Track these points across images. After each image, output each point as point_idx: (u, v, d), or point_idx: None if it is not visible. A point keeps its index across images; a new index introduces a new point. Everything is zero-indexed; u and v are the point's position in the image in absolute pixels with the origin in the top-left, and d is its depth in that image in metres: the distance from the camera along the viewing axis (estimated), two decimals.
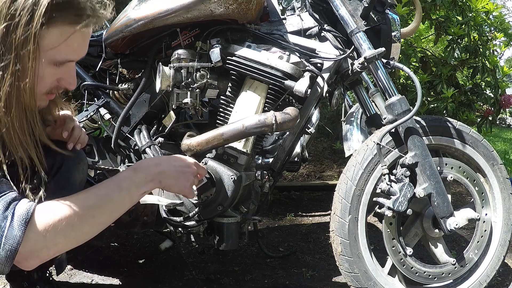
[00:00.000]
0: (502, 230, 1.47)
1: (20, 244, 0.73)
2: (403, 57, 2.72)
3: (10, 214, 0.74)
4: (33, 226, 0.75)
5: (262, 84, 1.32)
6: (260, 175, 1.37)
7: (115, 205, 0.87)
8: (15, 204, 0.76)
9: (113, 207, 0.86)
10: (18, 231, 0.73)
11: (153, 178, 0.93)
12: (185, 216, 1.28)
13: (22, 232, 0.74)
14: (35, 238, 0.75)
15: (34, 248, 0.76)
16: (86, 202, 0.83)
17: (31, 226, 0.75)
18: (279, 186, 2.90)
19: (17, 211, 0.75)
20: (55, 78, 0.86)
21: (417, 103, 1.29)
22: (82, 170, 1.20)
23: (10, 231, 0.73)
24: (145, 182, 0.92)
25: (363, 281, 1.35)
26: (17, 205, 0.76)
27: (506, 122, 10.51)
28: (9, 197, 0.76)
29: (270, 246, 2.01)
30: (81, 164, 1.19)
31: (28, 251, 0.75)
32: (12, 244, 0.73)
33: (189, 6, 1.27)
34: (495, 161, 1.47)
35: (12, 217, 0.74)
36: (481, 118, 2.94)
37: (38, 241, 0.76)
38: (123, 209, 0.89)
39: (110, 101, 1.52)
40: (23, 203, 0.77)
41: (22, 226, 0.74)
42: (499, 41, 3.06)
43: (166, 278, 1.66)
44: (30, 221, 0.75)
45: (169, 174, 0.97)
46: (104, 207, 0.85)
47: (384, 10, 1.43)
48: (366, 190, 1.35)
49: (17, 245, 0.73)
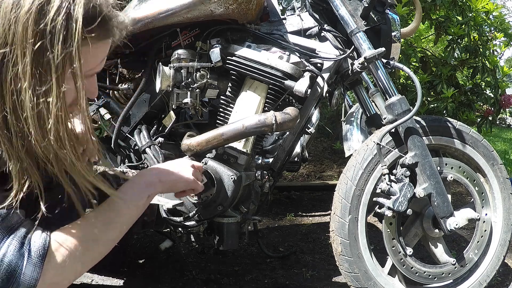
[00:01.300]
0: (502, 230, 1.47)
1: (38, 280, 0.72)
2: (403, 57, 2.72)
3: (26, 250, 0.72)
4: (51, 260, 0.74)
5: (262, 84, 1.32)
6: (260, 175, 1.37)
7: (124, 219, 0.86)
8: (29, 239, 0.73)
9: (123, 220, 0.86)
10: (36, 267, 0.72)
11: (152, 180, 0.93)
12: (185, 216, 1.28)
13: (40, 268, 0.72)
14: (54, 272, 0.74)
15: (54, 281, 0.74)
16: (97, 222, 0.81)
17: (49, 260, 0.73)
18: (279, 186, 2.90)
19: (33, 247, 0.72)
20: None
21: (417, 103, 1.29)
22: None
23: (28, 268, 0.71)
24: (146, 186, 0.91)
25: (363, 281, 1.35)
26: (32, 239, 0.73)
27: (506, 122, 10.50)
28: (22, 232, 0.73)
29: (270, 246, 2.01)
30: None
31: (48, 285, 0.73)
32: (30, 281, 0.71)
33: (189, 6, 1.27)
34: (495, 161, 1.47)
35: (29, 254, 0.72)
36: (481, 118, 2.94)
37: (57, 274, 0.74)
38: (132, 220, 0.88)
39: (110, 101, 1.52)
40: (37, 237, 0.74)
41: (39, 263, 0.72)
42: (499, 41, 3.06)
43: (166, 278, 1.66)
44: (47, 255, 0.73)
45: (167, 171, 0.97)
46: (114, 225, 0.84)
47: (384, 10, 1.43)
48: (366, 190, 1.35)
49: (36, 281, 0.71)
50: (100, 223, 0.82)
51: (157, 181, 0.94)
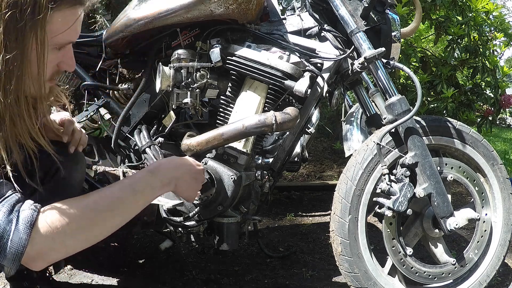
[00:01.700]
0: (502, 230, 1.47)
1: (26, 247, 0.73)
2: (403, 57, 2.72)
3: (15, 217, 0.74)
4: (39, 229, 0.75)
5: (262, 84, 1.32)
6: (260, 175, 1.37)
7: (128, 208, 0.86)
8: (19, 206, 0.75)
9: (126, 209, 0.86)
10: (23, 234, 0.73)
11: (169, 181, 0.93)
12: (185, 216, 1.28)
13: (28, 235, 0.73)
14: (42, 241, 0.75)
15: (41, 250, 0.75)
16: (98, 205, 0.82)
17: (37, 229, 0.75)
18: (279, 186, 2.90)
19: (21, 214, 0.74)
20: (56, 63, 0.85)
21: (417, 103, 1.29)
22: (81, 169, 1.20)
23: (16, 234, 0.73)
24: (162, 185, 0.92)
25: (363, 281, 1.35)
26: (21, 207, 0.75)
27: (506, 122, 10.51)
28: (12, 199, 0.76)
29: (270, 246, 2.01)
30: (79, 164, 1.19)
31: (35, 253, 0.75)
32: (18, 247, 0.73)
33: (189, 6, 1.27)
34: (495, 161, 1.47)
35: (17, 220, 0.74)
36: (481, 118, 2.94)
37: (45, 243, 0.75)
38: (135, 211, 0.88)
39: (110, 101, 1.52)
40: (27, 206, 0.76)
41: (27, 229, 0.73)
42: (499, 41, 3.05)
43: (166, 278, 1.66)
44: (36, 223, 0.75)
45: (185, 179, 0.98)
46: (116, 210, 0.84)
47: (384, 10, 1.43)
48: (366, 190, 1.35)
49: (23, 248, 0.73)
50: (103, 204, 0.82)
51: (172, 185, 0.94)
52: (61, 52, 0.84)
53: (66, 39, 0.82)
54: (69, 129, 1.13)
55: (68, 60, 0.87)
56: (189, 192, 1.01)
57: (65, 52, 0.85)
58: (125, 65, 1.53)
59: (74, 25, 0.81)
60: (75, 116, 1.47)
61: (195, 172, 1.02)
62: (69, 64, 0.87)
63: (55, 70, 0.87)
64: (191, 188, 1.01)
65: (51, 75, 0.86)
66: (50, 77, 0.86)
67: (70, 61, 0.87)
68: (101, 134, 1.77)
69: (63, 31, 0.79)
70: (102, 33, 1.50)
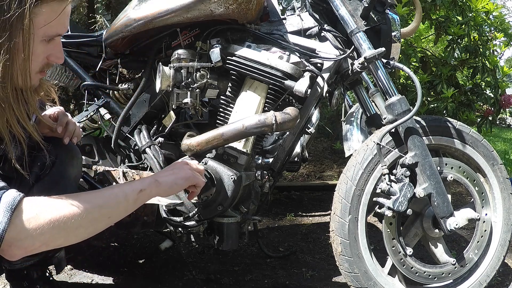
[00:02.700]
0: (502, 230, 1.47)
1: (5, 231, 0.73)
2: (403, 57, 2.72)
3: None
4: (19, 214, 0.75)
5: (262, 84, 1.32)
6: (260, 175, 1.37)
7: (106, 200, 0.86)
8: (2, 192, 0.76)
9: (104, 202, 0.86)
10: (3, 217, 0.73)
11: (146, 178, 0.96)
12: (185, 216, 1.28)
13: (8, 219, 0.73)
14: (20, 226, 0.74)
15: (19, 236, 0.74)
16: (77, 196, 0.83)
17: (17, 213, 0.74)
18: (279, 186, 2.90)
19: (3, 198, 0.75)
20: (45, 55, 0.88)
21: (417, 103, 1.29)
22: (77, 165, 1.20)
23: None
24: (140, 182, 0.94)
25: (363, 281, 1.35)
26: (5, 193, 0.76)
27: (506, 122, 10.51)
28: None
29: (270, 246, 2.01)
30: (75, 159, 1.19)
31: (12, 238, 0.74)
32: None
33: (189, 6, 1.27)
34: (495, 161, 1.47)
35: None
36: (481, 118, 2.94)
37: (23, 229, 0.75)
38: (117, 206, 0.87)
39: (110, 101, 1.52)
40: (11, 192, 0.77)
41: (7, 212, 0.73)
42: (499, 41, 3.05)
43: (166, 278, 1.66)
44: (17, 208, 0.75)
45: (164, 173, 1.00)
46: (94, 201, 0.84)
47: (384, 10, 1.43)
48: (366, 190, 1.35)
49: (3, 231, 0.72)
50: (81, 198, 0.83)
51: (152, 180, 0.95)
52: (50, 45, 0.87)
53: (54, 32, 0.85)
54: (63, 120, 1.14)
55: (57, 52, 0.90)
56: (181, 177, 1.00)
57: (54, 45, 0.88)
58: (125, 65, 1.53)
59: (62, 18, 0.84)
60: (75, 116, 1.47)
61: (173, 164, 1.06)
62: (58, 57, 0.90)
63: (44, 63, 0.89)
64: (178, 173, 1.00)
65: (41, 67, 0.89)
66: (40, 69, 0.89)
67: (59, 54, 0.90)
68: (101, 134, 1.77)
69: (49, 22, 0.82)
70: (102, 33, 1.50)
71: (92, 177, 1.37)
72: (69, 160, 1.16)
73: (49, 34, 0.84)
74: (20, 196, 0.77)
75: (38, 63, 0.87)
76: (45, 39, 0.85)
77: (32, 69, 0.86)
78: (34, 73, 0.87)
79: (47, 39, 0.85)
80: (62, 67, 1.55)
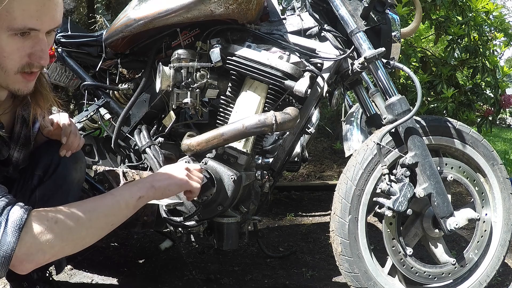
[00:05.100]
0: (502, 230, 1.47)
1: (14, 250, 0.73)
2: (403, 57, 2.72)
3: (3, 220, 0.74)
4: (29, 231, 0.75)
5: (262, 84, 1.32)
6: (260, 175, 1.37)
7: (109, 208, 0.88)
8: (8, 209, 0.76)
9: (108, 210, 0.87)
10: (12, 237, 0.74)
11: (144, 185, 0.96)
12: (185, 216, 1.28)
13: (16, 238, 0.74)
14: (30, 242, 0.75)
15: (29, 251, 0.76)
16: (82, 206, 0.84)
17: (26, 230, 0.75)
18: (279, 186, 2.90)
19: (11, 217, 0.75)
20: (24, 53, 0.81)
21: (417, 103, 1.29)
22: (80, 169, 1.20)
23: (4, 238, 0.73)
24: (138, 188, 0.94)
25: (363, 281, 1.35)
26: (11, 210, 0.76)
27: (506, 122, 10.51)
28: (2, 202, 0.76)
29: (270, 246, 2.01)
30: (78, 163, 1.20)
31: (23, 255, 0.75)
32: (6, 250, 0.73)
33: (189, 6, 1.27)
34: (495, 161, 1.47)
35: (6, 223, 0.74)
36: (481, 118, 2.94)
37: (33, 244, 0.76)
38: (119, 213, 0.90)
39: (110, 101, 1.52)
40: (17, 209, 0.77)
41: (16, 232, 0.74)
42: (499, 41, 3.05)
43: (166, 278, 1.66)
44: (25, 225, 0.75)
45: (160, 177, 1.01)
46: (99, 211, 0.86)
47: (384, 10, 1.43)
48: (366, 190, 1.35)
49: (11, 251, 0.73)
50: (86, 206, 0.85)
51: (149, 186, 0.96)
52: (28, 42, 0.80)
53: (22, 24, 0.77)
54: (67, 131, 1.13)
55: (38, 51, 0.82)
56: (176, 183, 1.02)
57: (34, 42, 0.81)
58: (125, 65, 1.53)
59: (28, 8, 0.76)
60: (75, 116, 1.48)
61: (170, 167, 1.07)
62: (39, 56, 0.82)
63: (25, 62, 0.82)
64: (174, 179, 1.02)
65: (20, 67, 0.82)
66: (19, 69, 0.83)
67: (41, 53, 0.82)
68: (101, 134, 1.77)
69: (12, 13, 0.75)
70: (102, 33, 1.50)
71: (92, 177, 1.37)
72: (72, 164, 1.17)
73: (15, 26, 0.76)
74: (26, 213, 0.77)
75: (14, 62, 0.81)
76: (15, 33, 0.77)
77: (8, 68, 0.81)
78: (12, 73, 0.82)
79: (16, 32, 0.77)
80: (62, 67, 1.55)
